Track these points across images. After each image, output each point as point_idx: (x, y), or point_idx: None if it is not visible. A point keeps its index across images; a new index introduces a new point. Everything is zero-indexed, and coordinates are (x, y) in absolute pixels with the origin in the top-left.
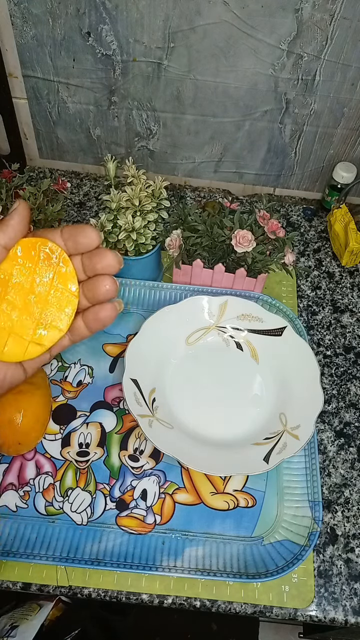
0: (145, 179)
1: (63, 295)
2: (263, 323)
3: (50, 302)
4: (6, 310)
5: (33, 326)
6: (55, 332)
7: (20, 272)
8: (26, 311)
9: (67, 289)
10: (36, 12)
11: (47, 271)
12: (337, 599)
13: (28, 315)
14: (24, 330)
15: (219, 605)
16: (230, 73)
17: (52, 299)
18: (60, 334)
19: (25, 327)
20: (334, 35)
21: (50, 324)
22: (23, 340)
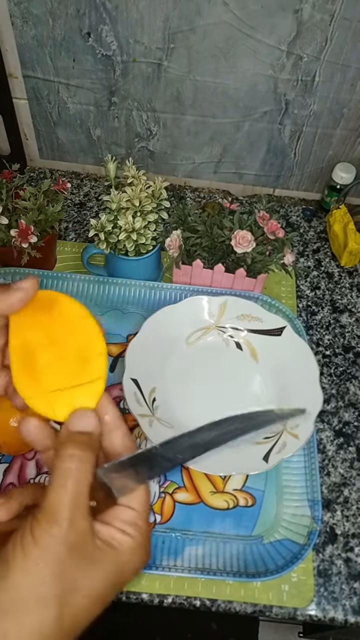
0: (146, 180)
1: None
2: (262, 323)
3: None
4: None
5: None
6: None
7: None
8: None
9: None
10: (36, 13)
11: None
12: (337, 598)
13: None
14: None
15: (218, 604)
16: (230, 74)
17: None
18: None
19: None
20: (334, 36)
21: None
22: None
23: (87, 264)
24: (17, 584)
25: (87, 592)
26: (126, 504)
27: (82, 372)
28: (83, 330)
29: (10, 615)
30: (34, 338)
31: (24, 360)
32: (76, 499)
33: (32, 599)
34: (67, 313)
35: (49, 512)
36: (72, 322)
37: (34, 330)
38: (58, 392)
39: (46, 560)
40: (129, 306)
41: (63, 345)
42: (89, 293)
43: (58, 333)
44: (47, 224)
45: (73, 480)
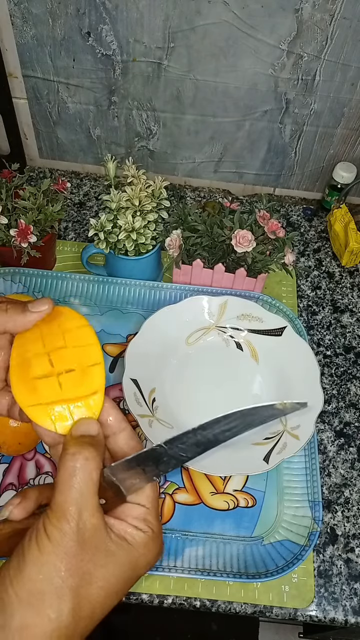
0: (145, 179)
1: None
2: (263, 323)
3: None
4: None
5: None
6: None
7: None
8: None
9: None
10: (36, 12)
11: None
12: (337, 599)
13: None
14: (77, 392)
15: (219, 605)
16: (230, 73)
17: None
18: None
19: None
20: (334, 35)
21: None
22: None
23: (87, 263)
24: (33, 577)
25: (102, 584)
26: (135, 502)
27: (81, 383)
28: (81, 340)
29: (28, 606)
30: (33, 348)
31: (23, 370)
32: (83, 496)
33: (48, 591)
34: (65, 324)
35: (58, 510)
36: (71, 332)
37: (33, 341)
38: (57, 406)
39: (59, 554)
40: (128, 306)
41: (61, 356)
42: (89, 293)
43: (56, 344)
44: (47, 224)
45: (78, 478)
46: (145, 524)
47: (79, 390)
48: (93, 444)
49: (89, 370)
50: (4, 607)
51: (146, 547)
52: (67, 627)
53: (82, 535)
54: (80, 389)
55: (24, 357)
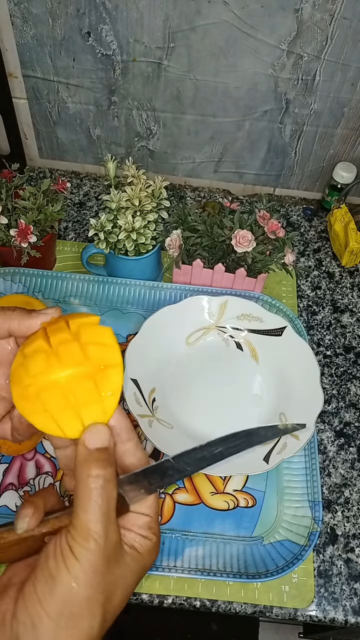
0: (145, 179)
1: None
2: (263, 323)
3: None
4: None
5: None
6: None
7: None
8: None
9: (100, 342)
10: (36, 12)
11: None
12: (337, 599)
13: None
14: (91, 397)
15: (219, 605)
16: (230, 73)
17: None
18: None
19: (89, 393)
20: (334, 35)
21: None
22: (96, 406)
23: (87, 263)
24: (64, 598)
25: (121, 593)
26: (140, 511)
27: (94, 385)
28: (94, 339)
29: (60, 627)
30: (36, 347)
31: (24, 373)
32: (107, 515)
33: (80, 611)
34: (75, 322)
35: (83, 529)
36: (81, 330)
37: (36, 341)
38: (67, 410)
39: (88, 573)
40: (128, 306)
41: (70, 353)
42: (89, 293)
43: (64, 342)
44: (47, 224)
45: (103, 498)
46: (151, 531)
47: (91, 392)
48: (109, 460)
49: (103, 371)
50: (35, 629)
51: (151, 552)
52: (95, 638)
53: (107, 552)
54: (92, 391)
55: (26, 358)
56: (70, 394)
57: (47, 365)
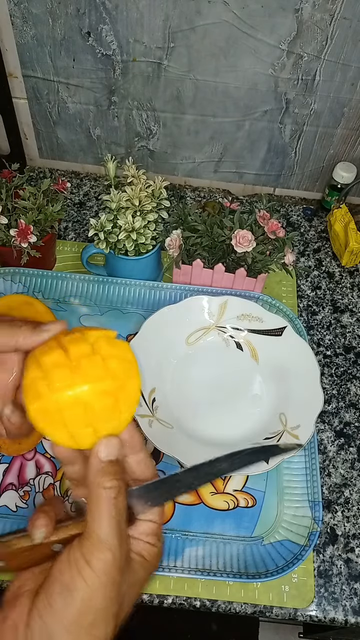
0: (145, 179)
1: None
2: (263, 323)
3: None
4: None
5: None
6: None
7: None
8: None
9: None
10: (36, 12)
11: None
12: (337, 599)
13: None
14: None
15: (219, 605)
16: (230, 73)
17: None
18: None
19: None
20: (334, 35)
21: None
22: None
23: (87, 263)
24: (81, 609)
25: (130, 599)
26: (147, 518)
27: (115, 401)
28: (114, 352)
29: (78, 636)
30: (57, 361)
31: (40, 389)
32: (120, 526)
33: (96, 621)
34: (93, 335)
35: (99, 542)
36: (100, 344)
37: (53, 353)
38: (86, 426)
39: (106, 584)
40: (128, 306)
41: (87, 365)
42: (89, 293)
43: (85, 355)
44: (47, 224)
45: (117, 510)
46: (157, 538)
47: (110, 409)
48: (120, 472)
49: (123, 386)
50: (48, 637)
51: (157, 558)
52: None
53: (121, 563)
54: (112, 407)
55: (45, 371)
56: (90, 409)
57: (70, 379)
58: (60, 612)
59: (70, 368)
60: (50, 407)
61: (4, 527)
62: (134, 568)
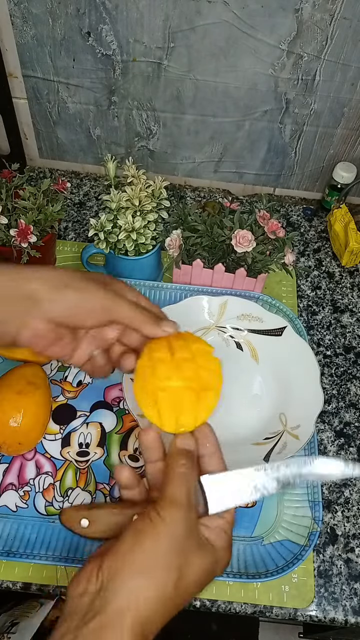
0: (145, 179)
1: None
2: (263, 323)
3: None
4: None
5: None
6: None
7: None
8: None
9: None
10: (36, 12)
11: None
12: (337, 599)
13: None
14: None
15: (219, 605)
16: (230, 73)
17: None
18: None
19: None
20: (334, 35)
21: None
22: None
23: (87, 263)
24: (147, 550)
25: (195, 570)
26: (218, 514)
27: (196, 399)
28: (207, 365)
29: (139, 574)
30: (164, 358)
31: (147, 375)
32: (189, 493)
33: (159, 564)
34: (195, 347)
35: (170, 500)
36: (199, 354)
37: (162, 350)
38: (171, 411)
39: (172, 535)
40: None
41: (183, 370)
42: None
43: (185, 360)
44: (47, 224)
45: (188, 480)
46: (225, 534)
47: (192, 404)
48: (192, 457)
49: (205, 396)
50: (116, 574)
51: (225, 551)
52: (169, 598)
53: (187, 525)
54: (193, 403)
55: (153, 362)
56: (177, 399)
57: (168, 373)
58: (128, 552)
59: (172, 366)
60: (149, 389)
61: (3, 527)
62: (202, 543)
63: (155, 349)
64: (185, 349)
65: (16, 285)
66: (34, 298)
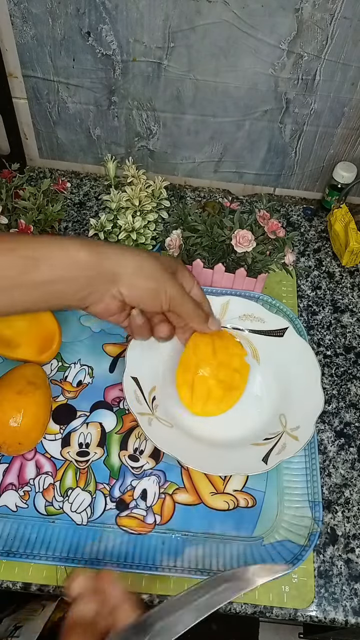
0: (145, 179)
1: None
2: (265, 324)
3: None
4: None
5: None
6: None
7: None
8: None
9: (237, 353)
10: (36, 12)
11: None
12: (337, 599)
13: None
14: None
15: None
16: (230, 73)
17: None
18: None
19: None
20: (334, 34)
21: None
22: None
23: None
24: None
25: None
26: None
27: (223, 394)
28: (240, 369)
29: None
30: (207, 357)
31: (190, 365)
32: None
33: None
34: (231, 348)
35: None
36: (235, 359)
37: (207, 349)
38: (201, 397)
39: None
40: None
41: (221, 370)
42: None
43: (223, 364)
44: (47, 224)
45: None
46: None
47: (219, 397)
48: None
49: (231, 393)
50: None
51: None
52: None
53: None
54: (221, 396)
55: (197, 357)
56: (209, 391)
57: (208, 370)
58: None
59: (213, 366)
60: (189, 377)
61: (3, 527)
62: None
63: (200, 345)
64: (225, 351)
65: (100, 263)
66: (115, 280)
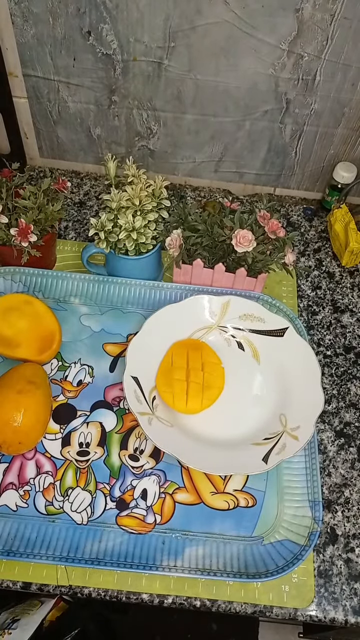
0: (146, 179)
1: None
2: (265, 323)
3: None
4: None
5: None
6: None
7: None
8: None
9: (213, 361)
10: (36, 11)
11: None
12: (337, 598)
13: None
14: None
15: (219, 605)
16: (230, 73)
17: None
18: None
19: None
20: (335, 35)
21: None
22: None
23: (87, 263)
24: None
25: None
26: None
27: (200, 392)
28: (214, 372)
29: None
30: (179, 361)
31: (167, 372)
32: None
33: None
34: (207, 357)
35: None
36: (205, 363)
37: (180, 356)
38: (180, 394)
39: None
40: (128, 306)
41: (190, 371)
42: (89, 292)
43: (192, 364)
44: (47, 223)
45: None
46: None
47: (198, 394)
48: None
49: (208, 391)
50: None
51: None
52: None
53: None
54: (199, 394)
55: (170, 362)
56: (185, 390)
57: (182, 376)
58: None
59: (184, 369)
60: (167, 381)
61: (3, 527)
62: None
63: (175, 356)
64: (197, 359)
65: None
66: None
